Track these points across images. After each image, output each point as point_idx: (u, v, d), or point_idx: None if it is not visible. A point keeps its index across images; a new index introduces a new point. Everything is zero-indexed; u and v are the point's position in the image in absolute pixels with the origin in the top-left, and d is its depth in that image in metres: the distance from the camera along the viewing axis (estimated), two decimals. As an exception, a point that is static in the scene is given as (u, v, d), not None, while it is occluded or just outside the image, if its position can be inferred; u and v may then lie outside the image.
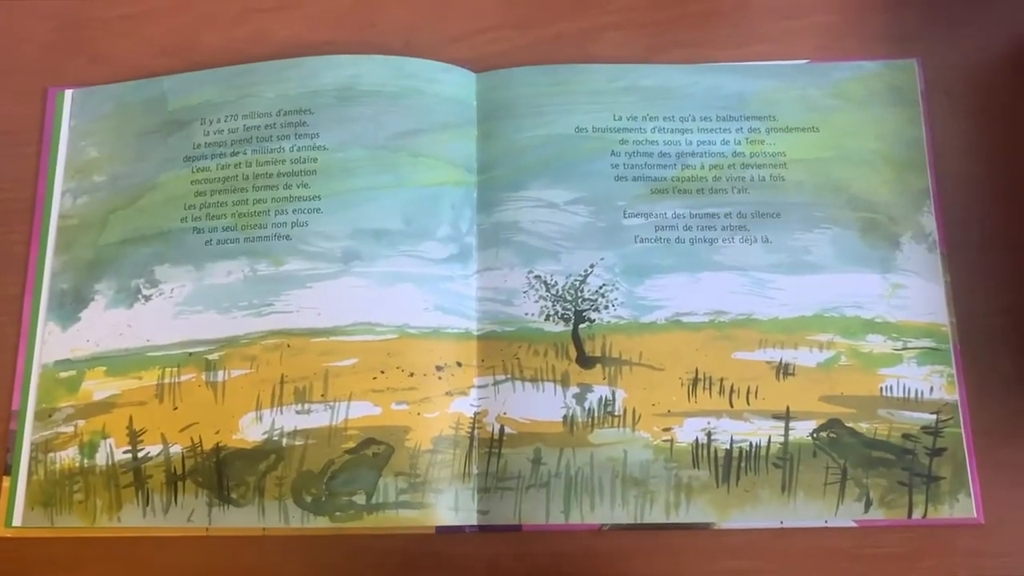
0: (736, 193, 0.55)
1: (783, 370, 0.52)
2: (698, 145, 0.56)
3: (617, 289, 0.54)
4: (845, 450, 0.51)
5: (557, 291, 0.54)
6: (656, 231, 0.55)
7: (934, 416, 0.52)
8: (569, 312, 0.54)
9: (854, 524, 0.50)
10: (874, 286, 0.54)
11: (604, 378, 0.53)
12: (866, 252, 0.54)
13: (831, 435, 0.51)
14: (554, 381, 0.53)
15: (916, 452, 0.51)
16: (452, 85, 0.57)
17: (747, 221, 0.55)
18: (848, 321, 0.53)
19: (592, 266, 0.54)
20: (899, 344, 0.53)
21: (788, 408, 0.52)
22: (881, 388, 0.52)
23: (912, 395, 0.52)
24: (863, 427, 0.51)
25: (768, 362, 0.53)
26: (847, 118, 0.57)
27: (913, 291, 0.54)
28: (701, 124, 0.57)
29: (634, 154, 0.56)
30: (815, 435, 0.51)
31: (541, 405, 0.52)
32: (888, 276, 0.54)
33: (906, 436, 0.51)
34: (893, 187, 0.55)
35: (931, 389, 0.52)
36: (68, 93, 0.59)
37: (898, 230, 0.55)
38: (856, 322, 0.53)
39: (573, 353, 0.53)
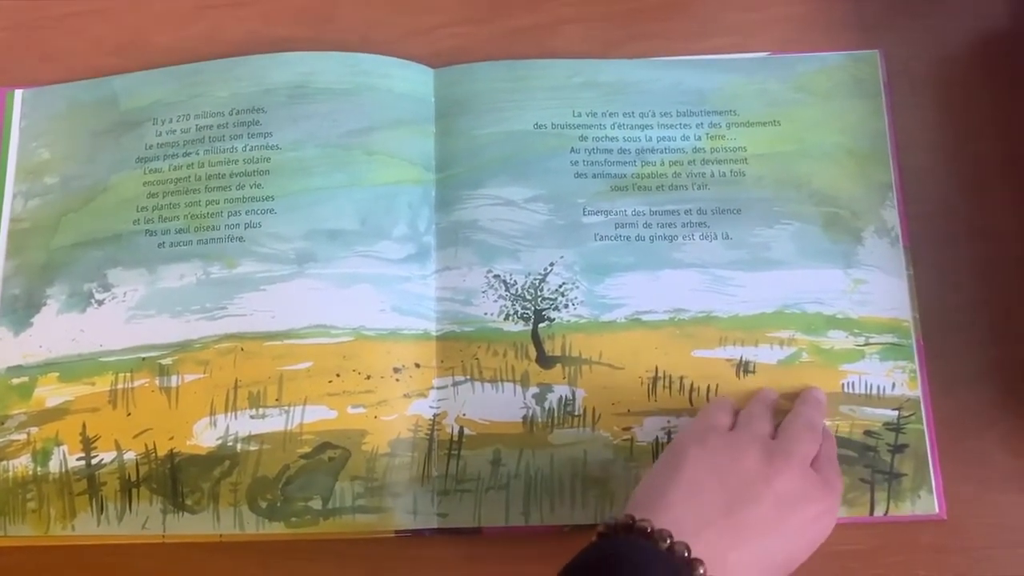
0: (696, 189, 0.55)
1: (744, 368, 0.52)
2: (658, 141, 0.56)
3: (577, 288, 0.53)
4: None
5: (516, 290, 0.53)
6: (616, 228, 0.54)
7: (896, 412, 0.51)
8: (529, 311, 0.53)
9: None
10: (836, 281, 0.53)
11: (564, 378, 0.52)
12: (828, 247, 0.53)
13: None
14: (514, 381, 0.52)
15: (878, 449, 0.51)
16: (408, 81, 0.56)
17: (707, 218, 0.54)
18: (809, 318, 0.53)
19: (552, 264, 0.53)
20: (861, 340, 0.52)
21: None
22: (843, 384, 0.52)
23: (874, 391, 0.52)
24: (824, 424, 0.51)
25: (728, 360, 0.52)
26: (809, 111, 0.56)
27: (875, 286, 0.53)
28: (661, 120, 0.56)
29: (594, 151, 0.56)
30: None
31: (501, 406, 0.52)
32: (850, 271, 0.53)
33: (868, 433, 0.51)
34: (856, 181, 0.55)
35: (893, 385, 0.52)
36: (18, 93, 0.58)
37: (860, 224, 0.54)
38: (818, 318, 0.52)
39: (533, 353, 0.52)
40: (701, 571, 0.38)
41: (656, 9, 0.59)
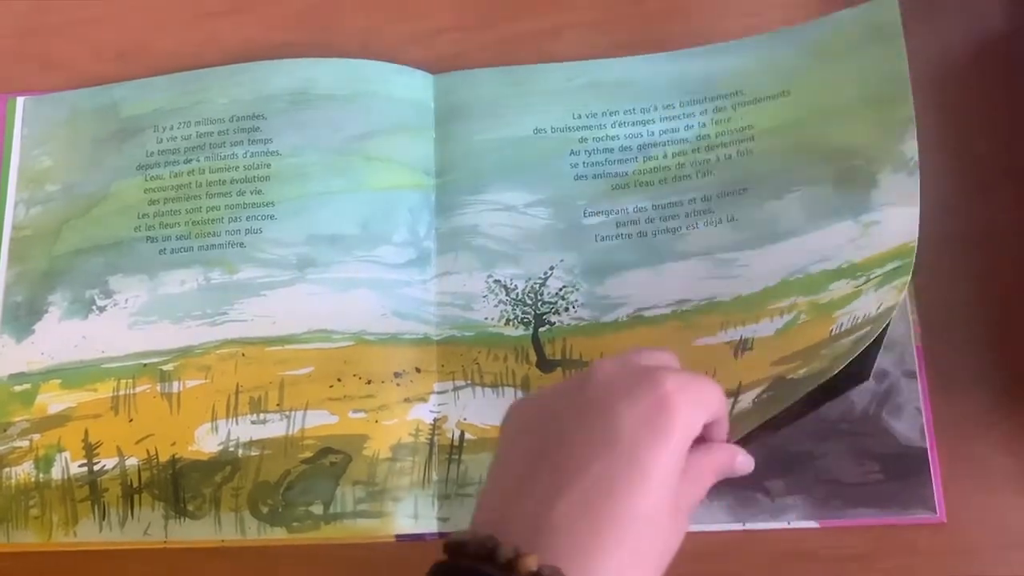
0: (700, 177, 0.54)
1: (742, 347, 0.50)
2: (660, 134, 0.55)
3: (577, 290, 0.53)
4: (781, 401, 0.46)
5: (517, 295, 0.53)
6: (617, 227, 0.54)
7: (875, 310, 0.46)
8: (529, 316, 0.53)
9: (816, 525, 0.50)
10: (845, 233, 0.50)
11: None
12: (838, 204, 0.51)
13: (770, 394, 0.48)
14: (514, 386, 0.52)
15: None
16: (408, 87, 0.57)
17: (712, 204, 0.53)
18: (813, 278, 0.50)
19: (552, 268, 0.54)
20: (861, 280, 0.49)
21: (740, 383, 0.49)
22: (831, 330, 0.48)
23: (860, 318, 0.47)
24: (802, 372, 0.47)
25: (728, 343, 0.50)
26: (822, 73, 0.54)
27: (887, 224, 0.50)
28: (664, 112, 0.55)
29: (594, 151, 0.55)
30: (756, 400, 0.48)
31: (501, 410, 0.51)
32: (862, 218, 0.50)
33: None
34: (874, 125, 0.52)
35: (879, 305, 0.46)
36: (20, 100, 0.59)
37: (875, 168, 0.51)
38: (821, 276, 0.50)
39: (533, 357, 0.52)
40: None
41: (657, 14, 0.59)
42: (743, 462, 0.42)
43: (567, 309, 0.53)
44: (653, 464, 0.35)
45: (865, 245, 0.50)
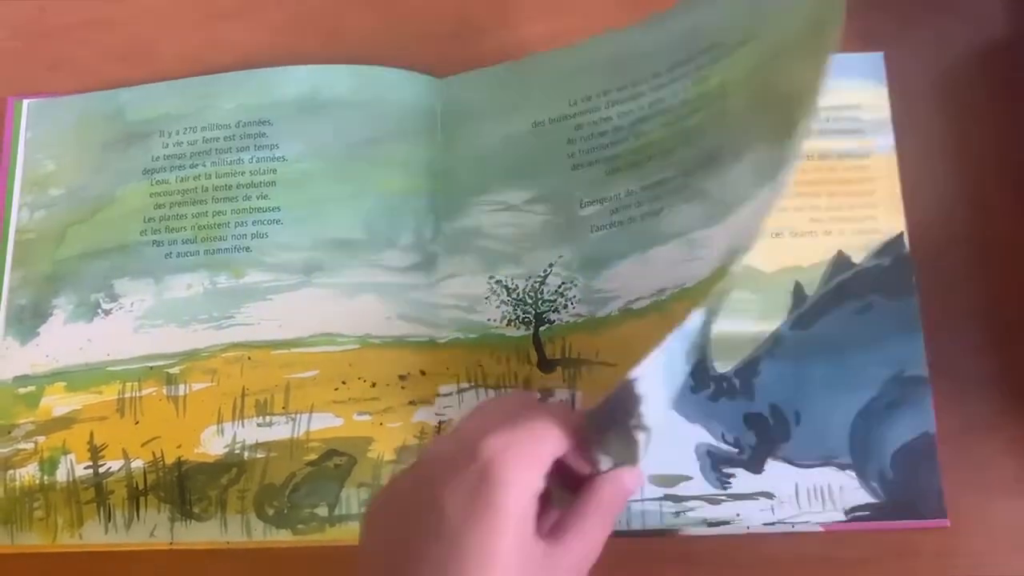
0: (682, 149, 0.52)
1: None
2: (649, 107, 0.54)
3: (575, 286, 0.53)
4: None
5: (518, 295, 0.53)
6: (611, 215, 0.53)
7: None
8: (530, 315, 0.53)
9: (820, 529, 0.50)
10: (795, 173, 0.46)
11: (564, 381, 0.52)
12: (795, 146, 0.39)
13: None
14: (517, 387, 0.52)
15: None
16: (413, 92, 0.57)
17: (689, 178, 0.51)
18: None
19: (551, 265, 0.53)
20: None
21: None
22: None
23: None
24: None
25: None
26: (777, 4, 0.47)
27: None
28: (652, 82, 0.54)
29: (590, 137, 0.55)
30: None
31: None
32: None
33: None
34: (808, 64, 0.42)
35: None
36: (25, 103, 0.59)
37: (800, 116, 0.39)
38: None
39: (534, 357, 0.52)
40: None
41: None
42: (631, 481, 0.38)
43: (565, 306, 0.53)
44: (483, 550, 0.33)
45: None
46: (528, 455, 0.34)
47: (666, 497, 0.50)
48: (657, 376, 0.36)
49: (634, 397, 0.35)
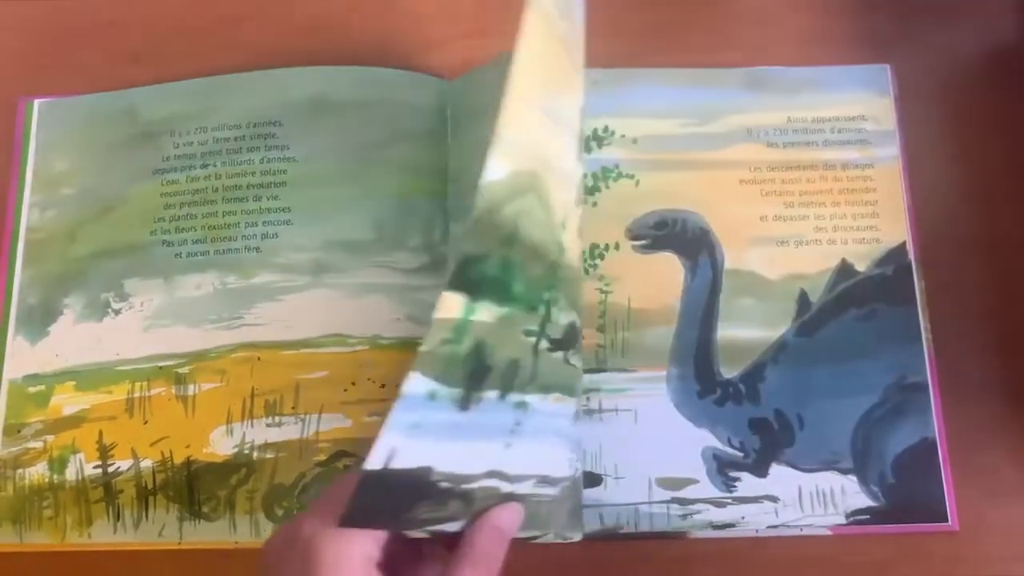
0: None
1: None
2: None
3: None
4: None
5: None
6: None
7: None
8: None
9: (829, 532, 0.50)
10: None
11: None
12: None
13: None
14: None
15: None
16: (423, 94, 0.57)
17: None
18: None
19: None
20: None
21: None
22: None
23: None
24: None
25: None
26: None
27: None
28: None
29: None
30: None
31: None
32: None
33: None
34: None
35: None
36: (36, 104, 0.59)
37: None
38: None
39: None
40: None
41: (669, 24, 0.60)
42: (508, 519, 0.38)
43: None
44: None
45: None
46: (347, 529, 0.34)
47: (673, 500, 0.51)
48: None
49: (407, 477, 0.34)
